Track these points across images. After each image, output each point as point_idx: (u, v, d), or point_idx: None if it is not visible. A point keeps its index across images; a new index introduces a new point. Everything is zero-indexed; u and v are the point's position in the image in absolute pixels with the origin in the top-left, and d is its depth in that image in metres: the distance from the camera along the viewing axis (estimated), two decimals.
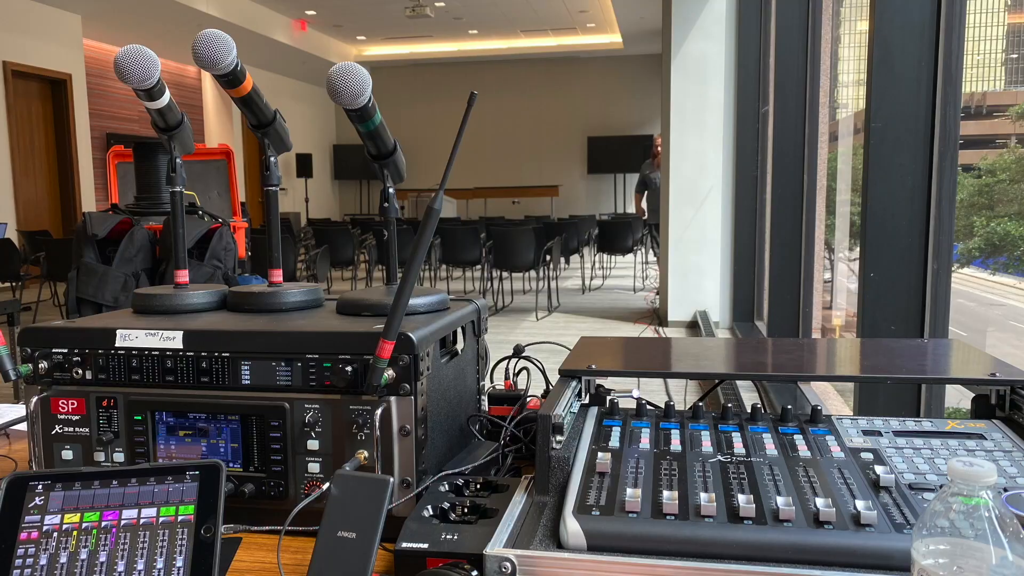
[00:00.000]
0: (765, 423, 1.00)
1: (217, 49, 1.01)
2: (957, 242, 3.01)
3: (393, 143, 1.12)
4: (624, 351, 1.32)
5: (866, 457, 0.90)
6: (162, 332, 1.01)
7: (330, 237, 9.43)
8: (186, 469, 0.83)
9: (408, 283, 0.89)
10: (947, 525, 0.61)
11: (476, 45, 17.00)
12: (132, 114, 12.77)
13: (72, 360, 1.02)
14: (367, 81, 1.00)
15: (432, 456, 1.00)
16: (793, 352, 1.26)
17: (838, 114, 5.15)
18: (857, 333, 2.78)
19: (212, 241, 2.45)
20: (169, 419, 1.00)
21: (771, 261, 5.35)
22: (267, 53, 14.16)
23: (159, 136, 1.18)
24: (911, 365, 1.12)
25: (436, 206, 0.90)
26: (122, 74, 1.07)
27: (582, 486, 0.85)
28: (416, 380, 0.94)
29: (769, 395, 3.92)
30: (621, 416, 1.03)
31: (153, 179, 2.50)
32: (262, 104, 1.12)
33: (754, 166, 6.42)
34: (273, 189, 1.17)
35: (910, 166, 2.53)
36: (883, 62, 2.53)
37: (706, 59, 7.09)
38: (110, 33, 12.04)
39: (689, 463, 0.89)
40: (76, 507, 0.82)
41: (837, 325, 5.29)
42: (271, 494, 0.98)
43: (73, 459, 1.03)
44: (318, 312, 1.13)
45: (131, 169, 2.60)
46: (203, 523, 0.80)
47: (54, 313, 8.08)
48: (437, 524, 0.86)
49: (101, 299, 2.36)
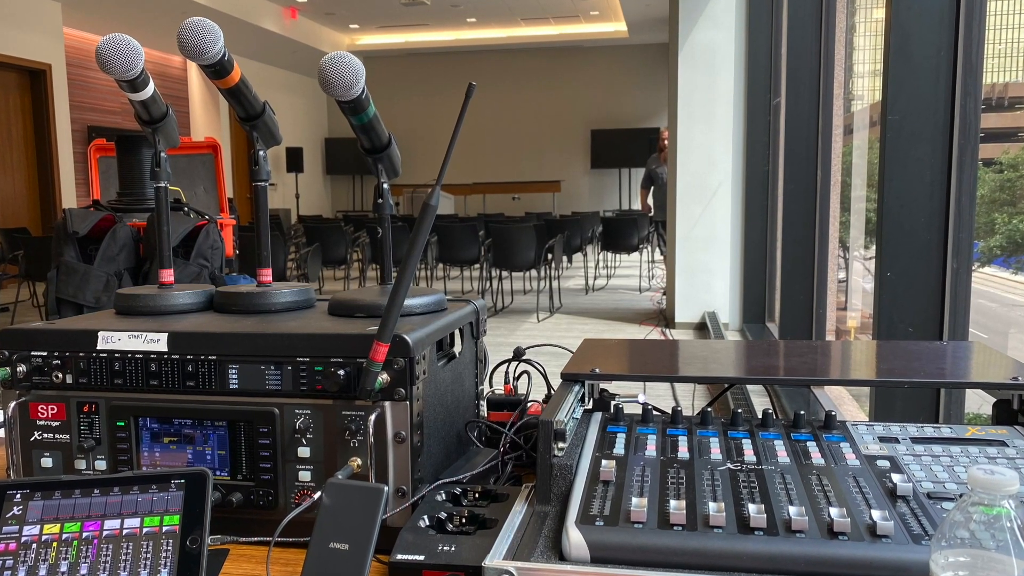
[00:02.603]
0: (777, 429, 1.00)
1: (203, 38, 1.01)
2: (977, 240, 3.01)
3: (388, 136, 1.12)
4: (629, 354, 1.32)
5: (882, 465, 0.90)
6: (146, 334, 1.01)
7: (322, 235, 9.43)
8: (171, 477, 0.83)
9: (403, 283, 0.89)
10: (967, 536, 0.61)
11: (474, 34, 17.00)
12: (114, 106, 12.77)
13: (52, 363, 1.02)
14: (360, 71, 1.00)
15: (428, 464, 1.00)
16: (806, 355, 1.26)
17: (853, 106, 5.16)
18: (873, 335, 2.78)
19: (198, 239, 2.45)
20: (153, 425, 1.00)
21: (783, 260, 5.35)
22: (256, 42, 14.16)
23: (143, 129, 1.18)
24: (929, 369, 1.12)
25: (433, 202, 0.90)
26: (104, 64, 1.07)
27: (585, 495, 0.85)
28: (412, 384, 0.94)
29: (781, 400, 3.92)
30: (626, 422, 1.03)
31: (136, 174, 2.50)
32: (250, 96, 1.12)
33: (765, 160, 6.42)
34: (262, 184, 1.17)
35: (928, 160, 2.53)
36: (900, 51, 2.53)
37: (715, 48, 7.09)
38: (91, 21, 12.04)
39: (697, 471, 0.89)
40: (56, 517, 0.82)
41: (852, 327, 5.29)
42: (260, 504, 0.97)
43: (53, 467, 1.03)
44: (309, 313, 1.13)
45: (113, 164, 2.61)
46: (189, 534, 0.80)
47: (33, 314, 8.08)
48: (434, 535, 0.86)
49: (82, 299, 2.36)
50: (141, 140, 2.46)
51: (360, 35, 17.19)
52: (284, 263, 8.52)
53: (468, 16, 15.70)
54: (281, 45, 14.90)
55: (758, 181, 6.57)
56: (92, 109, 12.47)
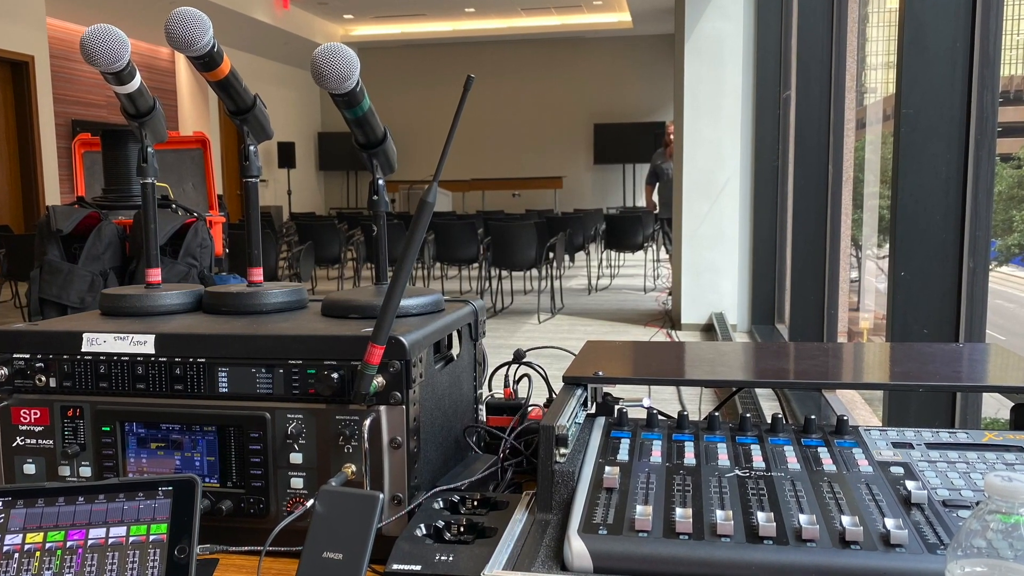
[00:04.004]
0: (787, 435, 1.00)
1: (192, 29, 1.01)
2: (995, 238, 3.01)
3: (383, 131, 1.12)
4: (634, 356, 1.33)
5: (896, 471, 0.90)
6: (132, 336, 1.01)
7: (315, 233, 9.43)
8: (158, 484, 0.83)
9: (399, 283, 0.89)
10: (984, 545, 0.61)
11: (473, 24, 17.00)
12: (100, 99, 12.77)
13: (35, 366, 1.02)
14: (355, 63, 1.00)
15: (425, 470, 1.00)
16: (817, 357, 1.26)
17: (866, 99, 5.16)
18: (887, 337, 2.78)
19: (187, 237, 2.46)
20: (140, 430, 1.00)
21: (793, 259, 5.35)
22: (246, 33, 14.16)
23: (129, 123, 1.19)
24: (945, 372, 1.12)
25: (430, 199, 0.90)
26: (89, 56, 1.07)
27: (588, 503, 0.85)
28: (408, 388, 0.94)
29: (791, 404, 3.92)
30: (630, 427, 1.04)
31: (122, 170, 2.50)
32: (241, 88, 1.12)
33: (775, 156, 6.42)
34: (253, 181, 1.17)
35: (944, 156, 2.53)
36: (915, 42, 2.53)
37: (722, 40, 7.09)
38: (76, 11, 12.04)
39: (704, 478, 0.89)
40: (39, 526, 0.82)
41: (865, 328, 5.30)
42: (250, 511, 0.98)
43: (36, 474, 1.03)
44: (302, 314, 1.13)
45: (99, 159, 2.61)
46: (176, 543, 0.80)
47: (15, 315, 8.09)
48: (431, 544, 0.86)
49: (66, 300, 2.36)
50: (127, 135, 2.46)
51: (355, 25, 17.18)
52: (275, 262, 8.52)
53: (467, 6, 15.70)
54: (273, 36, 14.90)
55: (767, 177, 6.57)
56: (77, 102, 12.47)
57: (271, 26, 14.43)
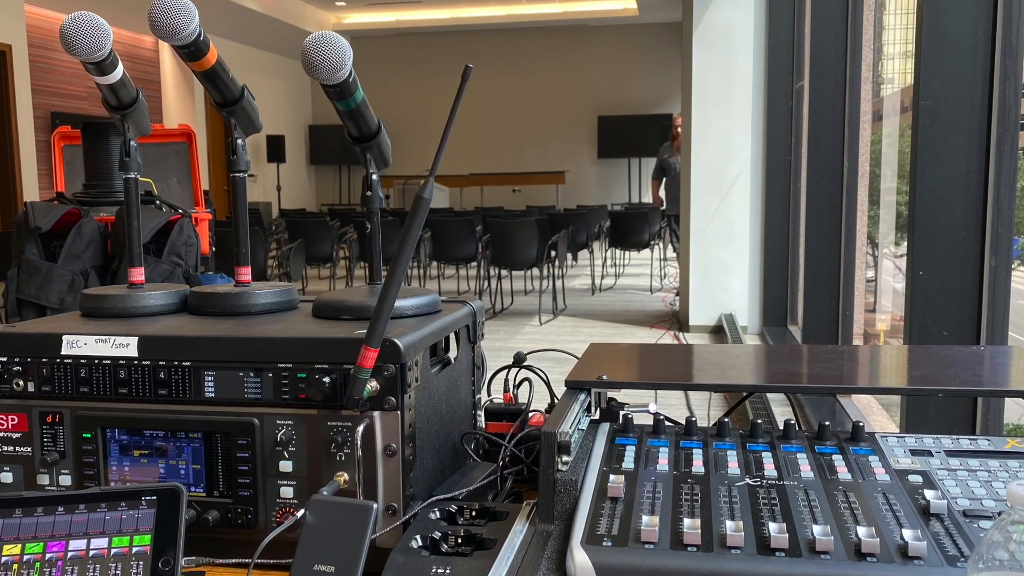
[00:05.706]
0: (800, 441, 1.00)
1: (177, 17, 1.01)
2: (1018, 235, 3.01)
3: (377, 123, 1.12)
4: (639, 360, 1.33)
5: (914, 480, 0.90)
6: (114, 338, 1.01)
7: (305, 230, 9.43)
8: (141, 494, 0.83)
9: (394, 282, 0.89)
10: (1006, 557, 0.61)
11: (471, 12, 17.01)
12: (80, 91, 12.77)
13: (12, 370, 1.02)
14: (347, 53, 1.00)
15: (421, 479, 1.00)
16: (831, 361, 1.26)
17: (883, 90, 5.16)
18: (904, 339, 2.78)
19: (171, 235, 2.46)
20: (122, 437, 1.00)
21: (806, 258, 5.35)
22: (234, 21, 14.16)
23: (111, 116, 1.19)
24: (965, 376, 1.12)
25: (426, 195, 0.90)
26: (69, 45, 1.07)
27: (591, 513, 0.85)
28: (403, 393, 0.94)
29: (804, 410, 3.92)
30: (636, 433, 1.04)
31: (104, 164, 2.51)
32: (228, 79, 1.12)
33: (787, 150, 6.42)
34: (241, 176, 1.17)
35: (964, 149, 2.53)
36: (934, 30, 2.53)
37: (732, 27, 7.09)
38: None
39: (713, 487, 0.89)
40: (17, 537, 0.82)
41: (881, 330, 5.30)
42: (238, 522, 0.98)
43: (13, 482, 1.03)
44: (292, 315, 1.13)
45: (79, 153, 2.61)
46: (161, 555, 0.80)
47: None
48: (427, 556, 0.86)
49: (45, 300, 2.36)
50: (109, 127, 2.47)
51: (347, 13, 17.18)
52: (264, 261, 8.53)
53: None
54: (261, 24, 14.90)
55: (779, 172, 6.57)
56: (56, 94, 12.47)
57: (260, 14, 14.43)
